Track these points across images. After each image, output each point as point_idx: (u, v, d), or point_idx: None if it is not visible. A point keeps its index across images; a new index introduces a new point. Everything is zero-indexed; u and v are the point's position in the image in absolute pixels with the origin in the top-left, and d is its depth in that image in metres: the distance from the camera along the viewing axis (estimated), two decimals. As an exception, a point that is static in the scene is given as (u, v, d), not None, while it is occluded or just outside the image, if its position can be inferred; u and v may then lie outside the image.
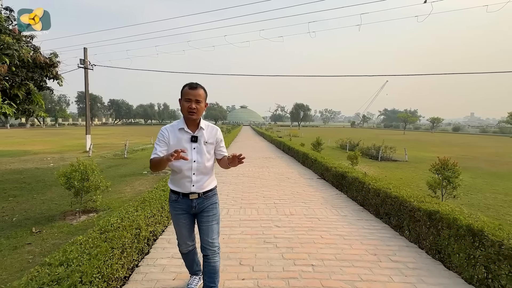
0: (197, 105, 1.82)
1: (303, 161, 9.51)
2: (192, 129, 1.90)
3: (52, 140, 25.30)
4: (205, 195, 1.96)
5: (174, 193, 1.97)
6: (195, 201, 1.93)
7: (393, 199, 3.70)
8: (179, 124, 1.90)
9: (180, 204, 1.95)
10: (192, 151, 1.88)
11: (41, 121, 65.80)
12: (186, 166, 1.86)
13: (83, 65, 15.00)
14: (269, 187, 5.84)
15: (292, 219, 3.82)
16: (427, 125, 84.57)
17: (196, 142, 1.89)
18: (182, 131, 1.88)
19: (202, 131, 1.91)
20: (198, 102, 1.83)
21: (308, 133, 43.76)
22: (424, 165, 12.74)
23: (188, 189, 1.90)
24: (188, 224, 2.01)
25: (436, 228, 2.90)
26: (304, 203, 4.66)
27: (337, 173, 5.85)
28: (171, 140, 1.86)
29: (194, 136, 1.88)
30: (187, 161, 1.82)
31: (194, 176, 1.89)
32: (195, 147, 1.89)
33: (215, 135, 1.98)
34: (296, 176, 7.24)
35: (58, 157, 13.66)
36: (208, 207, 1.97)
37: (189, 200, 1.92)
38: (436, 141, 33.48)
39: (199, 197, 1.93)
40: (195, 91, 1.82)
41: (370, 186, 4.34)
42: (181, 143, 1.86)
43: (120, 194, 6.76)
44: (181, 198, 1.94)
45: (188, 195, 1.91)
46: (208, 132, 1.94)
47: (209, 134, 1.94)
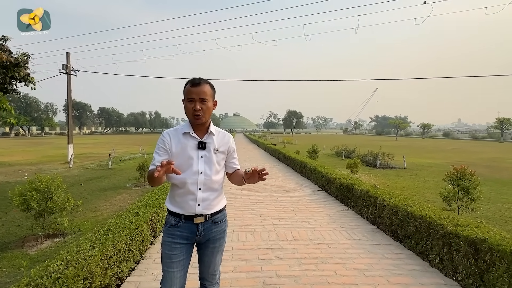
0: (202, 105, 1.47)
1: (300, 171, 8.86)
2: (200, 134, 1.55)
3: (34, 150, 24.02)
4: (213, 218, 1.57)
5: (174, 216, 1.54)
6: (201, 227, 1.52)
7: (417, 220, 3.06)
8: (183, 128, 1.54)
9: (181, 230, 1.51)
10: (199, 160, 1.51)
11: (27, 130, 63.48)
12: (191, 179, 1.48)
13: (65, 70, 14.16)
14: (265, 202, 5.13)
15: (296, 247, 3.12)
16: (418, 131, 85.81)
17: (205, 149, 1.53)
18: (187, 136, 1.52)
19: (212, 136, 1.56)
20: (203, 101, 1.47)
21: (301, 140, 43.35)
22: (423, 172, 12.31)
23: (192, 210, 1.50)
24: (184, 259, 1.54)
25: (484, 262, 2.26)
26: (308, 223, 3.97)
27: (342, 186, 5.21)
28: (173, 147, 1.51)
29: (202, 142, 1.52)
30: (193, 172, 1.48)
31: (200, 192, 1.49)
32: (203, 155, 1.52)
33: (227, 143, 1.63)
34: (294, 188, 6.57)
35: (36, 169, 12.63)
36: (215, 237, 1.59)
37: (193, 225, 1.51)
38: (429, 146, 33.54)
39: (206, 221, 1.53)
40: (198, 88, 1.46)
41: (385, 202, 3.71)
42: (186, 150, 1.50)
43: (96, 213, 5.94)
44: (183, 223, 1.51)
45: (193, 218, 1.50)
46: (220, 139, 1.60)
47: (220, 141, 1.59)
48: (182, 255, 1.52)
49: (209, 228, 1.55)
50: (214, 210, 1.57)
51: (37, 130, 68.67)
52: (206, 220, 1.53)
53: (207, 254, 1.61)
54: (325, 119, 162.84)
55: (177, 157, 1.49)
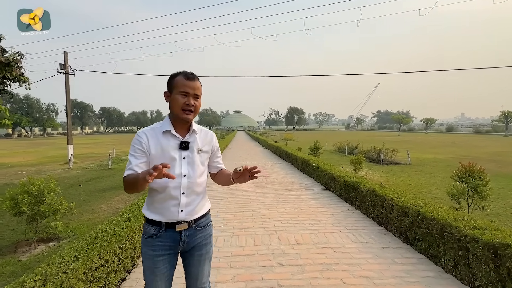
0: (195, 102, 1.35)
1: (303, 169, 8.65)
2: (182, 132, 1.39)
3: (36, 151, 23.98)
4: (197, 224, 1.42)
5: (153, 225, 1.36)
6: (184, 234, 1.38)
7: (429, 222, 2.85)
8: (163, 126, 1.37)
9: (162, 240, 1.35)
10: (181, 161, 1.36)
11: (29, 131, 63.66)
12: (174, 183, 1.33)
13: (63, 70, 13.98)
14: (267, 203, 4.93)
15: (299, 251, 2.92)
16: (421, 126, 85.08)
17: (187, 149, 1.37)
18: (168, 135, 1.35)
19: (194, 135, 1.41)
20: (196, 97, 1.36)
21: (303, 137, 43.06)
22: (428, 168, 12.04)
23: (174, 217, 1.34)
24: (168, 270, 1.39)
25: (507, 269, 2.05)
26: (311, 224, 3.77)
27: (346, 184, 5.00)
28: (152, 149, 1.32)
29: (184, 142, 1.36)
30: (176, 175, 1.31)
31: (183, 197, 1.34)
32: (186, 156, 1.37)
33: (211, 141, 1.50)
34: (297, 187, 6.36)
35: (35, 170, 12.53)
36: (201, 243, 1.44)
37: (175, 233, 1.36)
38: (433, 141, 33.14)
39: (190, 228, 1.39)
40: (193, 83, 1.34)
41: (393, 202, 3.49)
42: (167, 151, 1.34)
43: (93, 215, 5.79)
44: (164, 232, 1.35)
45: (174, 225, 1.35)
46: (202, 137, 1.45)
47: (203, 140, 1.45)
48: (165, 268, 1.37)
49: (193, 235, 1.41)
50: (198, 215, 1.42)
51: (40, 130, 68.91)
52: (189, 227, 1.39)
53: (193, 264, 1.45)
54: (326, 116, 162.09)
55: (157, 158, 1.31)
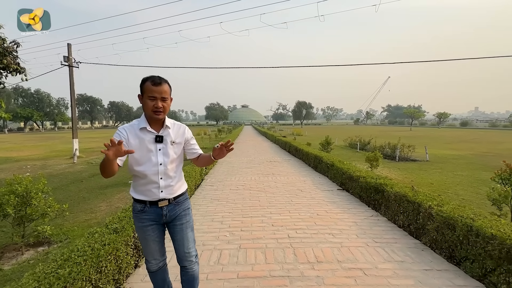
0: (163, 103, 1.58)
1: (315, 166, 8.04)
2: (156, 128, 1.65)
3: (45, 144, 24.12)
4: (176, 200, 1.74)
5: (139, 203, 1.68)
6: (166, 209, 1.70)
7: (487, 241, 2.25)
8: (140, 123, 1.63)
9: (148, 214, 1.68)
10: (157, 152, 1.64)
11: (40, 125, 64.83)
12: (151, 171, 1.62)
13: (67, 62, 13.65)
14: (278, 206, 4.37)
15: (321, 273, 2.37)
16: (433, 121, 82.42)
17: (162, 142, 1.65)
18: (144, 131, 1.62)
19: (168, 130, 1.67)
20: (164, 99, 1.59)
21: (312, 132, 42.16)
22: (449, 165, 11.24)
23: (156, 196, 1.66)
24: (157, 236, 1.73)
25: None
26: (332, 235, 3.20)
27: (369, 186, 4.39)
28: (131, 141, 1.59)
29: (159, 136, 1.64)
30: (153, 164, 1.62)
31: (161, 181, 1.65)
32: (161, 148, 1.65)
33: (183, 134, 1.75)
34: (310, 187, 5.77)
35: (40, 164, 12.36)
36: (181, 214, 1.76)
37: (158, 209, 1.69)
38: (448, 136, 31.80)
39: (170, 204, 1.72)
40: (160, 88, 1.56)
41: (434, 211, 2.89)
42: (144, 144, 1.61)
43: (90, 215, 5.39)
44: (149, 207, 1.68)
45: (157, 202, 1.67)
46: (175, 131, 1.72)
47: (176, 133, 1.71)
48: (154, 234, 1.71)
49: (173, 209, 1.72)
50: (176, 194, 1.73)
51: (51, 124, 70.17)
52: (169, 203, 1.70)
53: (177, 231, 1.75)
54: (335, 110, 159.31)
55: (136, 150, 1.57)
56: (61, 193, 7.19)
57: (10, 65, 5.54)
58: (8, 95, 58.59)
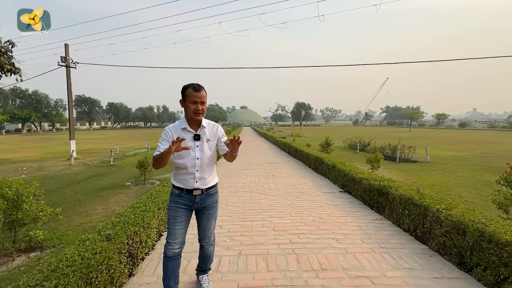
0: (202, 106, 1.87)
1: (316, 167, 7.92)
2: (194, 128, 1.94)
3: (42, 146, 23.91)
4: (207, 191, 2.01)
5: (178, 189, 1.98)
6: (198, 197, 1.98)
7: (502, 248, 2.13)
8: (181, 124, 1.94)
9: (184, 199, 1.97)
10: (195, 149, 1.92)
11: (38, 126, 64.43)
12: (190, 163, 1.91)
13: (64, 63, 13.50)
14: (279, 209, 4.25)
15: (326, 282, 2.24)
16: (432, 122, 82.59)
17: (199, 140, 1.93)
18: (185, 131, 1.92)
19: (204, 129, 1.95)
20: (203, 103, 1.88)
21: (311, 133, 42.09)
22: (450, 166, 11.15)
23: (191, 186, 1.94)
24: (185, 220, 2.00)
25: None
26: (336, 240, 3.07)
27: (372, 188, 4.27)
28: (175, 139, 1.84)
29: (196, 135, 1.92)
30: (191, 158, 1.90)
31: (197, 173, 1.93)
32: (198, 145, 1.93)
33: (216, 132, 2.03)
34: (311, 189, 5.65)
35: (37, 166, 12.18)
36: (210, 205, 2.04)
37: (192, 196, 1.97)
38: (447, 138, 31.80)
39: (202, 193, 1.99)
40: (200, 93, 1.85)
41: (442, 216, 2.76)
42: (185, 141, 1.81)
43: (86, 218, 5.24)
44: (185, 194, 1.96)
45: (192, 191, 1.95)
46: (210, 130, 2.00)
47: (210, 132, 2.00)
48: (183, 217, 1.97)
49: (204, 199, 2.00)
50: (209, 185, 2.00)
51: (49, 126, 69.76)
52: (202, 193, 1.98)
53: (203, 219, 2.06)
54: (334, 111, 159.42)
55: None
56: (57, 196, 7.03)
57: (4, 65, 5.39)
58: (5, 96, 58.23)
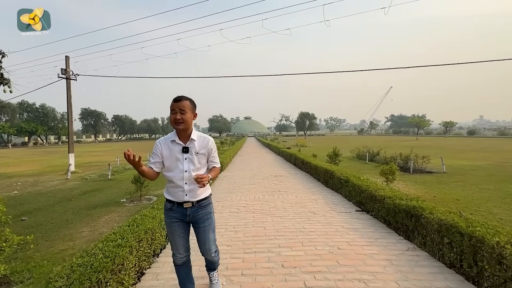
0: (182, 116, 1.85)
1: (325, 181, 7.23)
2: (184, 140, 1.95)
3: (44, 159, 23.71)
4: (199, 204, 2.00)
5: (169, 202, 2.00)
6: (189, 210, 1.96)
7: None
8: (171, 137, 1.95)
9: (175, 213, 1.97)
10: (183, 161, 1.92)
11: (44, 139, 65.00)
12: (178, 176, 1.91)
13: (64, 75, 13.28)
14: (288, 235, 3.56)
15: None
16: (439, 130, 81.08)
17: (188, 152, 1.93)
18: (174, 143, 1.93)
19: (193, 142, 1.95)
20: (182, 112, 1.86)
21: (316, 143, 41.34)
22: (469, 177, 10.33)
23: (181, 198, 1.94)
24: (182, 232, 2.01)
25: None
26: (363, 282, 2.38)
27: (398, 209, 3.59)
28: (164, 152, 1.93)
29: (185, 147, 1.92)
30: (179, 171, 1.90)
31: (186, 185, 1.92)
32: (187, 157, 1.93)
33: (207, 145, 2.00)
34: (323, 207, 4.96)
35: (32, 181, 11.73)
36: (203, 217, 2.01)
37: (183, 209, 1.96)
38: (457, 146, 30.78)
39: (193, 206, 1.97)
40: (179, 103, 1.86)
41: (508, 253, 2.09)
42: (173, 154, 1.91)
43: (68, 243, 4.64)
44: (176, 207, 1.97)
45: (182, 204, 1.95)
46: (200, 143, 1.97)
47: (200, 145, 1.97)
48: (179, 229, 1.99)
49: (196, 211, 1.99)
50: (199, 198, 1.99)
51: (55, 139, 70.38)
52: (193, 205, 1.98)
53: (200, 232, 2.05)
54: (338, 120, 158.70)
55: (167, 159, 1.92)
56: (44, 215, 6.47)
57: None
58: (13, 110, 59.16)
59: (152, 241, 2.87)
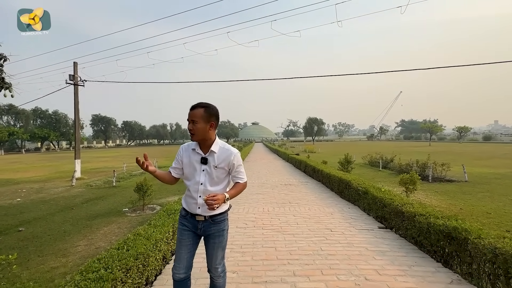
0: (193, 126, 1.74)
1: (340, 191, 6.68)
2: (204, 150, 1.83)
3: (53, 165, 23.91)
4: (212, 219, 1.84)
5: (184, 210, 1.91)
6: (201, 224, 1.84)
7: None
8: (193, 145, 1.86)
9: (188, 222, 1.88)
10: (201, 173, 1.81)
11: (56, 145, 66.44)
12: (193, 188, 1.81)
13: (72, 81, 13.28)
14: (303, 259, 3.06)
15: None
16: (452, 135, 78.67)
17: (206, 164, 1.80)
18: (194, 152, 1.84)
19: (213, 154, 1.81)
20: (193, 122, 1.74)
21: (325, 148, 40.58)
22: (495, 186, 9.54)
23: (194, 211, 1.83)
24: (190, 244, 1.87)
25: None
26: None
27: (433, 230, 3.04)
28: (184, 159, 1.86)
29: (204, 158, 1.81)
30: (195, 182, 1.80)
31: (200, 199, 1.79)
32: (204, 169, 1.81)
33: (227, 159, 1.81)
34: (341, 223, 4.42)
35: (37, 187, 11.59)
36: (214, 234, 1.86)
37: (195, 221, 1.85)
38: (474, 152, 29.47)
39: (206, 220, 1.83)
40: (191, 111, 1.76)
41: None
42: (192, 163, 1.83)
43: (61, 260, 4.26)
44: (189, 217, 1.87)
45: (195, 216, 1.84)
46: (220, 155, 1.81)
47: (220, 158, 1.81)
48: (189, 241, 1.86)
49: (208, 226, 1.83)
50: (213, 213, 1.81)
51: (66, 144, 71.85)
52: (205, 220, 1.82)
53: (209, 247, 1.90)
54: (346, 126, 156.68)
55: (186, 167, 1.84)
56: (42, 225, 6.18)
57: None
58: (27, 116, 60.88)
59: (145, 268, 2.44)
